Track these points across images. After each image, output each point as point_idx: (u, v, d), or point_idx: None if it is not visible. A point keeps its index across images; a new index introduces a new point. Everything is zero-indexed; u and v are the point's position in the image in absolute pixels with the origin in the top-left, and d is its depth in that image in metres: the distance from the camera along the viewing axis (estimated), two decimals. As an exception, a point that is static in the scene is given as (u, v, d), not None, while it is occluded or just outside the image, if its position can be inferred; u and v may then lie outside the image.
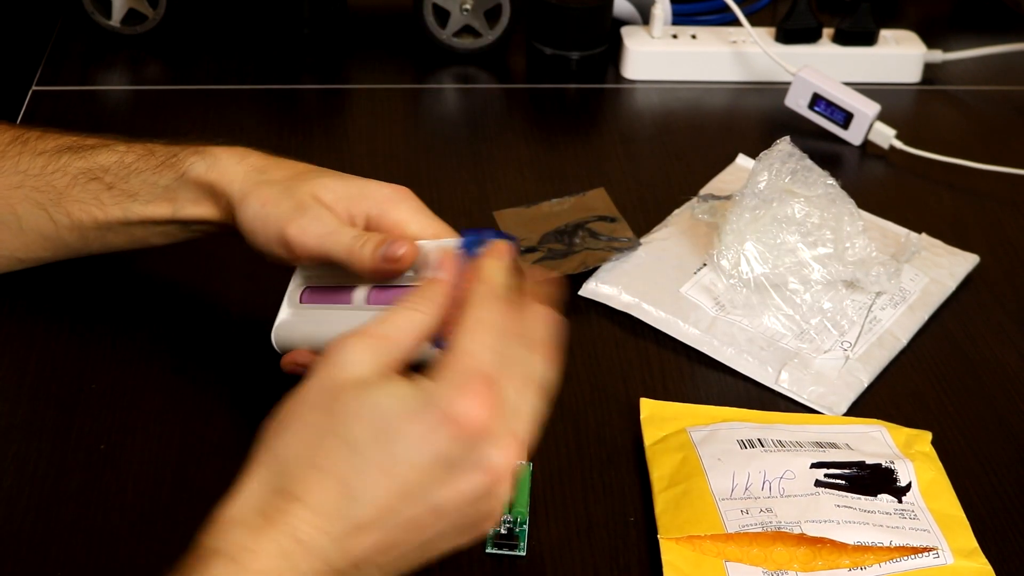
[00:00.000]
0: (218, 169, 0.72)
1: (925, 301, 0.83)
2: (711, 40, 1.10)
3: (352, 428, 0.54)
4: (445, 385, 0.54)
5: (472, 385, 0.54)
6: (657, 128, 1.04)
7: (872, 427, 0.73)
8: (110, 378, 0.74)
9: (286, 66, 1.09)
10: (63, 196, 0.74)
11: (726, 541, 0.65)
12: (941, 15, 1.24)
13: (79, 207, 0.74)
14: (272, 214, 0.70)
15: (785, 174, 0.81)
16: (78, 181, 0.74)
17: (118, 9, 1.08)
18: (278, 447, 0.55)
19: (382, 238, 0.68)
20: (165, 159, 0.74)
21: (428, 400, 0.54)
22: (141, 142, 0.76)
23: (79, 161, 0.75)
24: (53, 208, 0.75)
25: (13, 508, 0.66)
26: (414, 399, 0.54)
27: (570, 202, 0.91)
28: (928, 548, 0.65)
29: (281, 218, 0.69)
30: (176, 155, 0.74)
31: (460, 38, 1.10)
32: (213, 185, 0.72)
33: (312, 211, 0.70)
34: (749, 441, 0.70)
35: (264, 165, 0.73)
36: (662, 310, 0.81)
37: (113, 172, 0.74)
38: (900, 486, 0.68)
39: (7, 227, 0.75)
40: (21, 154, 0.76)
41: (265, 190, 0.71)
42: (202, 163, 0.73)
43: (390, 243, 0.68)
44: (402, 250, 0.67)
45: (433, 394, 0.54)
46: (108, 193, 0.74)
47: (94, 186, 0.74)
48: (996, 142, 1.03)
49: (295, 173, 0.73)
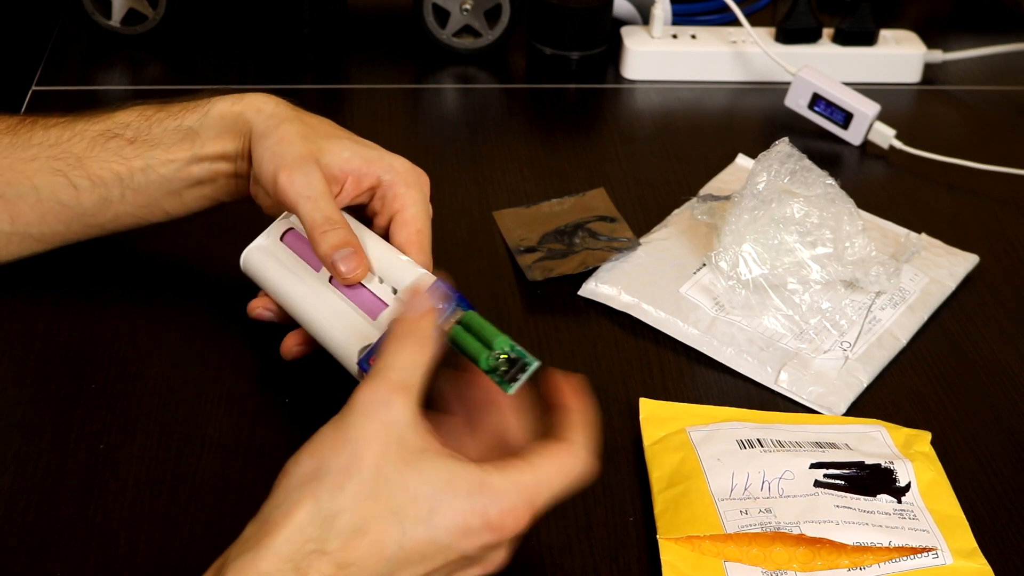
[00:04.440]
0: (244, 102, 0.74)
1: (925, 301, 0.83)
2: (711, 40, 1.10)
3: (405, 506, 0.55)
4: (504, 496, 0.56)
5: (526, 508, 0.57)
6: (657, 128, 1.04)
7: (871, 427, 0.73)
8: (110, 378, 0.74)
9: (286, 66, 1.09)
10: (83, 159, 0.75)
11: (725, 541, 0.65)
12: (941, 15, 1.24)
13: (100, 165, 0.75)
14: (279, 152, 0.71)
15: (784, 175, 0.81)
16: (97, 142, 0.75)
17: (118, 9, 1.08)
18: (324, 498, 0.55)
19: (345, 239, 0.69)
20: (190, 103, 0.75)
21: (485, 506, 0.56)
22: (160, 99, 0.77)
23: (96, 124, 0.76)
24: (73, 172, 0.75)
25: (13, 508, 0.66)
26: (470, 497, 0.56)
27: (570, 202, 0.91)
28: (927, 548, 0.65)
29: (283, 160, 0.71)
30: (200, 97, 0.76)
31: (460, 38, 1.10)
32: (237, 117, 0.73)
33: (307, 168, 0.71)
34: (748, 441, 0.70)
35: (294, 107, 0.75)
36: (662, 310, 0.81)
37: (134, 126, 0.75)
38: (899, 486, 0.68)
39: (24, 199, 0.75)
40: (32, 130, 0.76)
41: (288, 128, 0.72)
42: (229, 99, 0.75)
43: (349, 253, 0.69)
44: (357, 270, 0.69)
45: (491, 500, 0.56)
46: (131, 147, 0.75)
47: (115, 143, 0.75)
48: (996, 142, 1.03)
49: (324, 124, 0.75)
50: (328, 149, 0.72)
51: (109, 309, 0.79)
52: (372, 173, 0.73)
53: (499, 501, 0.56)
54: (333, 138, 0.73)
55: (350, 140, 0.74)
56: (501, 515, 0.56)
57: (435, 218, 0.76)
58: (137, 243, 0.81)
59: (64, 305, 0.79)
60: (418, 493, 0.55)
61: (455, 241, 0.87)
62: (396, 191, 0.73)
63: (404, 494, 0.55)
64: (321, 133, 0.74)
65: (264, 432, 0.71)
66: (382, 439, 0.56)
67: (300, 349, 0.74)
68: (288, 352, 0.74)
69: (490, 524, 0.56)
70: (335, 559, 0.54)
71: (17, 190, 0.75)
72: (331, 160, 0.72)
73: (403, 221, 0.73)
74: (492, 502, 0.56)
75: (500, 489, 0.56)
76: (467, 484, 0.56)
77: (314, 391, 0.73)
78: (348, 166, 0.73)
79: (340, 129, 0.76)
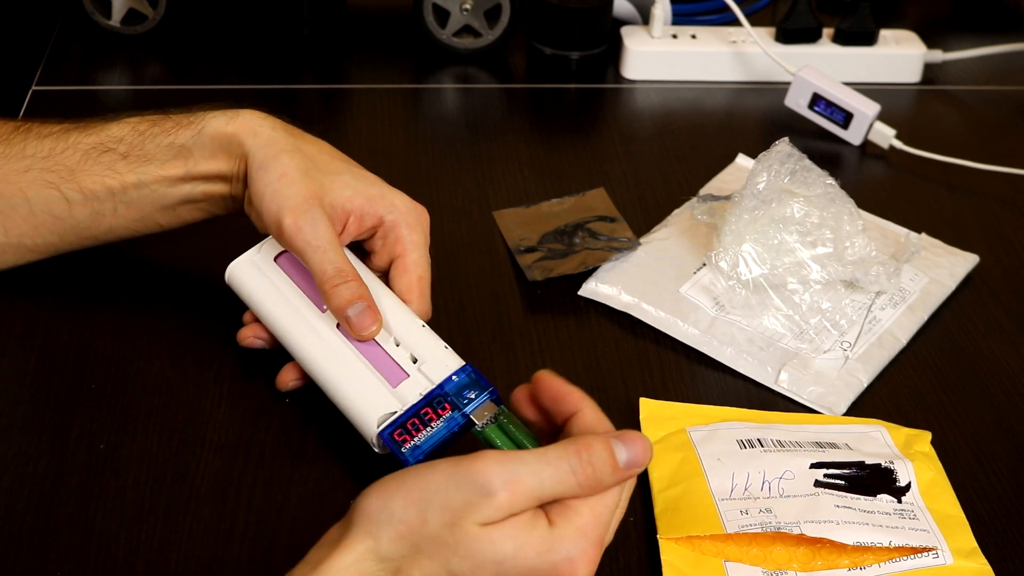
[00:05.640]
0: (238, 122, 0.73)
1: (925, 301, 0.83)
2: (711, 40, 1.10)
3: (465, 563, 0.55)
4: (569, 545, 0.56)
5: (591, 553, 0.56)
6: (657, 128, 1.04)
7: (871, 427, 0.73)
8: (110, 377, 0.74)
9: (286, 66, 1.09)
10: (76, 172, 0.74)
11: (725, 541, 0.65)
12: (941, 15, 1.24)
13: (92, 179, 0.74)
14: (281, 192, 0.70)
15: (784, 175, 0.81)
16: (90, 156, 0.74)
17: (118, 9, 1.08)
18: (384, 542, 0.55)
19: (358, 294, 0.69)
20: (183, 118, 0.74)
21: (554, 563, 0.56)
22: (154, 111, 0.76)
23: (89, 137, 0.75)
24: (65, 185, 0.74)
25: (13, 508, 0.66)
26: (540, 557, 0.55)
27: (570, 202, 0.91)
28: (927, 548, 0.65)
29: (287, 202, 0.70)
30: (194, 113, 0.74)
31: (460, 38, 1.10)
32: (232, 137, 0.73)
33: (313, 213, 0.70)
34: (748, 441, 0.70)
35: (291, 129, 0.74)
36: (662, 310, 0.81)
37: (128, 141, 0.75)
38: (900, 486, 0.68)
39: (16, 211, 0.75)
40: (26, 140, 0.76)
41: (288, 161, 0.71)
42: (223, 117, 0.74)
43: (364, 309, 0.69)
44: (372, 327, 0.69)
45: (559, 549, 0.56)
46: (124, 162, 0.74)
47: (108, 157, 0.74)
48: (996, 142, 1.03)
49: (322, 154, 0.73)
50: (330, 187, 0.72)
51: (109, 309, 0.79)
52: (375, 212, 0.73)
53: (566, 551, 0.56)
54: (333, 174, 0.73)
55: (351, 176, 0.73)
56: (560, 565, 0.56)
57: (435, 218, 0.76)
58: (138, 244, 0.81)
59: (64, 305, 0.79)
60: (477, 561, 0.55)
61: (455, 241, 0.87)
62: (399, 233, 0.73)
63: (469, 563, 0.55)
64: (321, 167, 0.72)
65: (264, 432, 0.71)
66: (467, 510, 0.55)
67: (297, 384, 0.73)
68: (284, 386, 0.73)
69: (557, 569, 0.56)
70: None
71: (10, 202, 0.75)
72: (334, 199, 0.71)
73: (404, 267, 0.73)
74: (561, 557, 0.56)
75: (567, 538, 0.56)
76: (537, 546, 0.56)
77: (314, 391, 0.72)
78: (351, 205, 0.72)
79: (337, 157, 0.75)
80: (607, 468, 0.56)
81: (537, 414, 0.62)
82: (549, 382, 0.61)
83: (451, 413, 0.67)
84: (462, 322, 0.80)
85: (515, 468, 0.55)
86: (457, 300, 0.82)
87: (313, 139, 0.75)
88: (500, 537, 0.55)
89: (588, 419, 0.60)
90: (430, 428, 0.66)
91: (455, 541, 0.55)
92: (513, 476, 0.55)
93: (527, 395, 0.62)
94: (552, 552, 0.55)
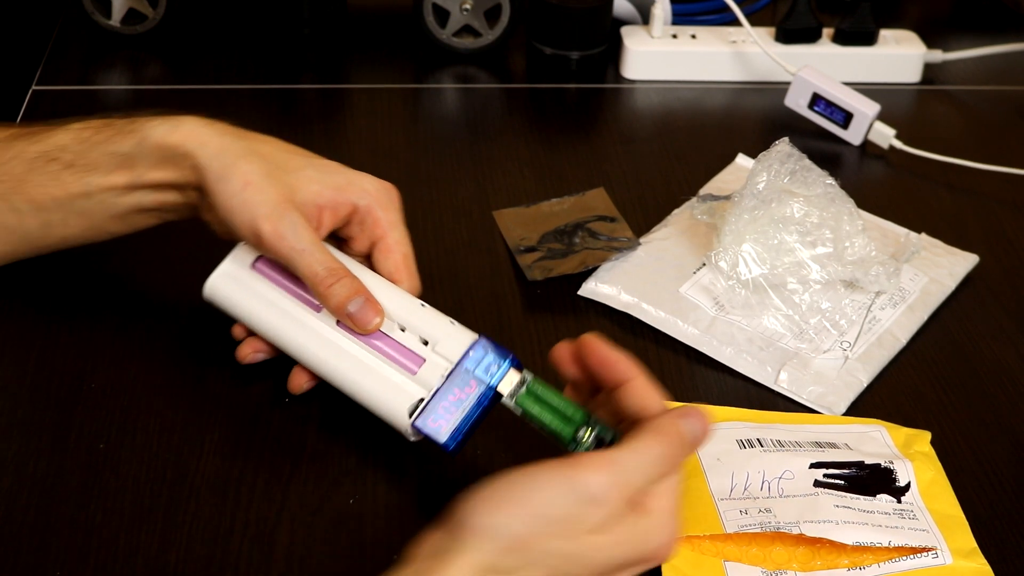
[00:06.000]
0: (182, 131, 0.71)
1: (924, 301, 0.83)
2: (711, 40, 1.10)
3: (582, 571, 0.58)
4: (665, 530, 0.59)
5: (678, 530, 0.60)
6: (657, 128, 1.04)
7: (871, 427, 0.73)
8: (110, 377, 0.74)
9: (286, 66, 1.09)
10: (23, 182, 0.73)
11: (725, 541, 0.65)
12: (941, 15, 1.25)
13: (39, 190, 0.73)
14: (252, 200, 0.69)
15: (784, 174, 0.81)
16: (36, 165, 0.73)
17: (118, 9, 1.08)
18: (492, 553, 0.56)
19: (354, 289, 0.68)
20: (124, 125, 0.72)
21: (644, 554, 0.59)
22: (98, 116, 0.75)
23: (34, 145, 0.73)
24: (14, 196, 0.73)
25: (13, 507, 0.66)
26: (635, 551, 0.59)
27: (570, 202, 0.91)
28: (927, 548, 0.65)
29: (259, 210, 0.69)
30: (135, 121, 0.72)
31: (460, 38, 1.10)
32: (177, 149, 0.70)
33: (289, 217, 0.69)
34: (748, 441, 0.70)
35: (239, 132, 0.71)
36: (661, 310, 0.81)
37: (72, 150, 0.73)
38: (899, 486, 0.68)
39: None
40: None
41: (246, 167, 0.69)
42: (164, 126, 0.71)
43: (363, 303, 0.68)
44: (375, 319, 0.69)
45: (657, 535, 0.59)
46: (68, 171, 0.73)
47: (53, 167, 0.73)
48: (996, 142, 1.03)
49: (278, 152, 0.72)
50: (297, 186, 0.70)
51: (109, 309, 0.79)
52: (346, 201, 0.72)
53: (662, 535, 0.59)
54: (296, 171, 0.71)
55: (313, 169, 0.72)
56: (658, 550, 0.59)
57: (435, 218, 0.76)
58: (137, 243, 0.81)
59: (64, 305, 0.79)
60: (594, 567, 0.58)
61: (455, 241, 0.87)
62: (375, 216, 0.72)
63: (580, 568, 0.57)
64: (281, 166, 0.71)
65: (264, 432, 0.71)
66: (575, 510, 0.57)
67: (311, 385, 0.72)
68: (300, 389, 0.72)
69: (646, 557, 0.59)
70: None
71: None
72: (304, 197, 0.70)
73: (387, 248, 0.73)
74: (660, 542, 0.59)
75: (661, 524, 0.59)
76: (639, 538, 0.58)
77: (314, 391, 0.73)
78: (321, 199, 0.71)
79: (293, 152, 0.73)
80: (684, 451, 0.60)
81: (579, 373, 0.65)
82: (598, 348, 0.63)
83: (479, 389, 0.66)
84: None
85: (617, 471, 0.57)
86: (457, 300, 0.82)
87: (263, 138, 0.73)
88: (612, 541, 0.57)
89: (642, 391, 0.62)
90: (462, 409, 0.66)
91: (572, 551, 0.57)
92: (616, 480, 0.57)
93: (570, 354, 0.64)
94: (651, 539, 0.59)
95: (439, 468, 0.70)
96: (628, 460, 0.58)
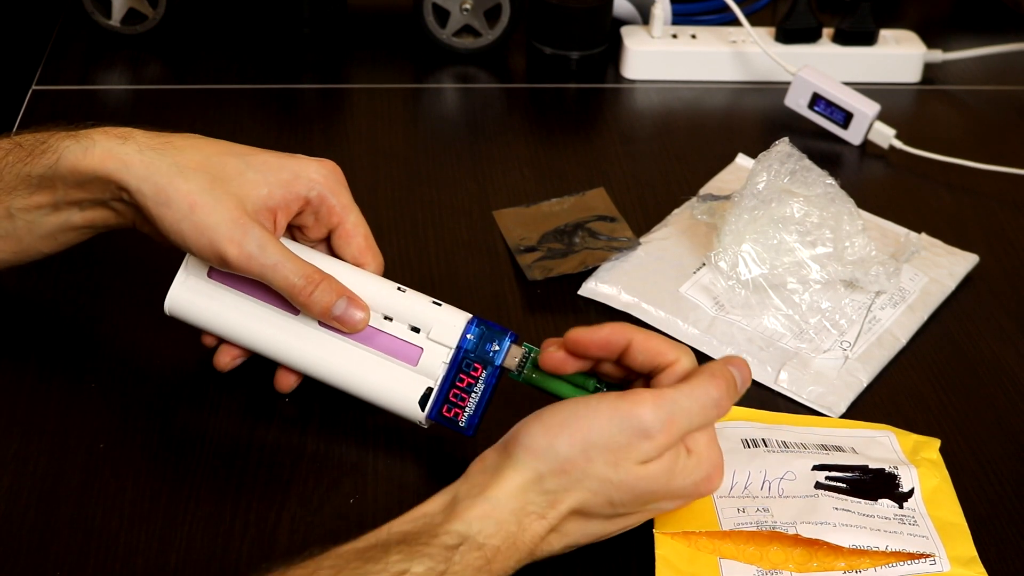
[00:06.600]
0: (96, 154, 0.68)
1: (924, 301, 0.83)
2: (711, 40, 1.10)
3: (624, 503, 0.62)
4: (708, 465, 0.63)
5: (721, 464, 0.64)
6: (657, 128, 1.04)
7: (880, 432, 0.72)
8: (110, 378, 0.74)
9: (286, 66, 1.09)
10: None
11: (722, 538, 0.65)
12: (941, 15, 1.24)
13: None
14: (204, 223, 0.67)
15: (784, 174, 0.81)
16: None
17: (118, 9, 1.08)
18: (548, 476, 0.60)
19: (335, 291, 0.68)
20: (34, 148, 0.69)
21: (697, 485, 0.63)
22: (7, 136, 0.72)
23: None
24: None
25: (13, 507, 0.66)
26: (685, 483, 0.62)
27: (570, 202, 0.91)
28: (925, 555, 0.64)
29: (216, 232, 0.67)
30: (46, 142, 0.69)
31: (460, 38, 1.10)
32: (95, 172, 0.68)
33: (250, 232, 0.67)
34: (753, 440, 0.70)
35: (157, 141, 0.69)
36: (662, 310, 0.81)
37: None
38: (902, 492, 0.68)
39: None
40: None
41: (185, 186, 0.67)
42: (77, 147, 0.68)
43: (347, 304, 0.68)
44: (363, 315, 0.69)
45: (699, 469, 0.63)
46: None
47: None
48: (996, 142, 1.03)
49: (208, 158, 0.69)
50: (245, 195, 0.68)
51: (109, 308, 0.79)
52: (296, 197, 0.70)
53: (705, 470, 0.63)
54: (236, 177, 0.68)
55: (253, 171, 0.69)
56: (698, 485, 0.63)
57: (435, 218, 0.76)
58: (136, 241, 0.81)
59: (64, 304, 0.79)
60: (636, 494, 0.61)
61: (455, 241, 0.87)
62: (328, 205, 0.71)
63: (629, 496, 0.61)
64: (218, 176, 0.68)
65: (264, 432, 0.71)
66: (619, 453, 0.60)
67: (297, 382, 0.72)
68: (289, 388, 0.72)
69: (694, 494, 0.63)
70: (550, 524, 0.60)
71: None
72: (254, 205, 0.68)
73: (347, 233, 0.72)
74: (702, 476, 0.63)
75: (704, 460, 0.63)
76: (684, 472, 0.62)
77: (313, 390, 0.72)
78: (272, 201, 0.69)
79: (224, 152, 0.70)
80: (733, 397, 0.63)
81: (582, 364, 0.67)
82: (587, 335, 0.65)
83: (485, 370, 0.67)
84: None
85: (670, 409, 0.61)
86: (457, 300, 0.82)
87: (183, 141, 0.70)
88: (656, 472, 0.61)
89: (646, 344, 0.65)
90: (474, 393, 0.67)
91: (617, 479, 0.60)
92: (669, 417, 0.61)
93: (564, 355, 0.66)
94: (695, 473, 0.62)
95: (439, 468, 0.70)
96: (681, 400, 0.61)
